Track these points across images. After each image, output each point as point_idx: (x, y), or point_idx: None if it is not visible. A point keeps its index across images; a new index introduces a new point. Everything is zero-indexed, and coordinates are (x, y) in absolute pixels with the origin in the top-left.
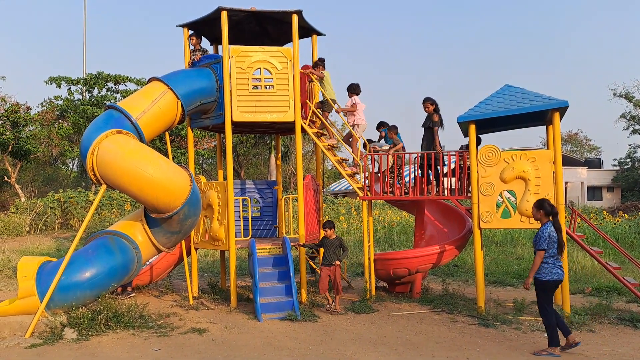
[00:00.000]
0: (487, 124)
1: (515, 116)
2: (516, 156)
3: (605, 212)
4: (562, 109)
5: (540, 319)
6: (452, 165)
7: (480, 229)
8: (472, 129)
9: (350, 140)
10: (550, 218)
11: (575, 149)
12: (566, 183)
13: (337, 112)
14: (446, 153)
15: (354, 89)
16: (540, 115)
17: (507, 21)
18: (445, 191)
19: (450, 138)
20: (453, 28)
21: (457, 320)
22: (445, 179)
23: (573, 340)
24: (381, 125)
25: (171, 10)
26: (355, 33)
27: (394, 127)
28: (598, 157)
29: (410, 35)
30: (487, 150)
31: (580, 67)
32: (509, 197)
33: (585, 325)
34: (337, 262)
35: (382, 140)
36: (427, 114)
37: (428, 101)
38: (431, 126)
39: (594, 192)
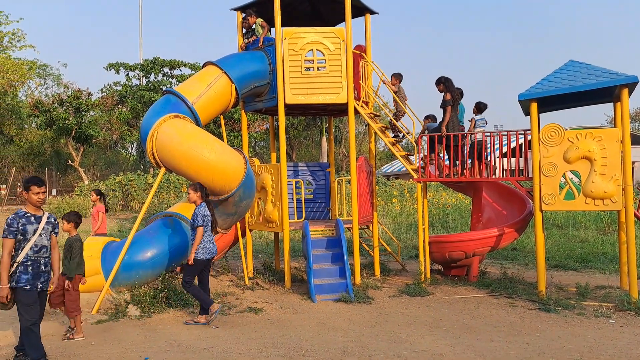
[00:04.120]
0: (550, 102)
1: (579, 93)
2: (581, 135)
3: None
4: (631, 84)
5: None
6: (513, 145)
7: (541, 211)
8: (534, 107)
9: None
10: (204, 199)
11: None
12: (634, 163)
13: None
14: (505, 133)
15: None
16: (607, 92)
17: None
18: (504, 172)
19: (510, 116)
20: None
21: (516, 305)
22: (505, 159)
23: (209, 319)
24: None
25: None
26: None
27: (399, 75)
28: None
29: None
30: (549, 129)
31: None
32: (572, 178)
33: None
34: (66, 280)
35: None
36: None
37: (437, 82)
38: (442, 106)
39: None
